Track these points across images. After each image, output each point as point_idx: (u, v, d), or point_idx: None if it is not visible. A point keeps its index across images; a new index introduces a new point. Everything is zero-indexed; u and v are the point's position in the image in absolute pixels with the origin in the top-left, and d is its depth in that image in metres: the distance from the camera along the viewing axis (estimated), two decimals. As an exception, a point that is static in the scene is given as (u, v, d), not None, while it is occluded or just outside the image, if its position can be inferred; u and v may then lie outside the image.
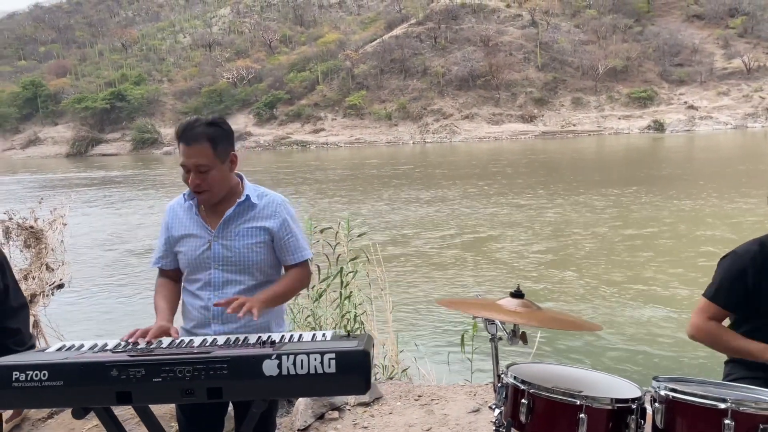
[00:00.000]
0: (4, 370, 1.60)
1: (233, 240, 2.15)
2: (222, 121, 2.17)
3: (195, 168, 2.05)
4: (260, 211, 2.19)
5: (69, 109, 76.25)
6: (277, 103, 71.60)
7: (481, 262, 11.53)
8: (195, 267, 2.17)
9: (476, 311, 1.85)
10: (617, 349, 6.87)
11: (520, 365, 1.91)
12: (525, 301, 1.84)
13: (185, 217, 2.21)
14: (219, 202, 2.18)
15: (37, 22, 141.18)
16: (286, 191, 25.22)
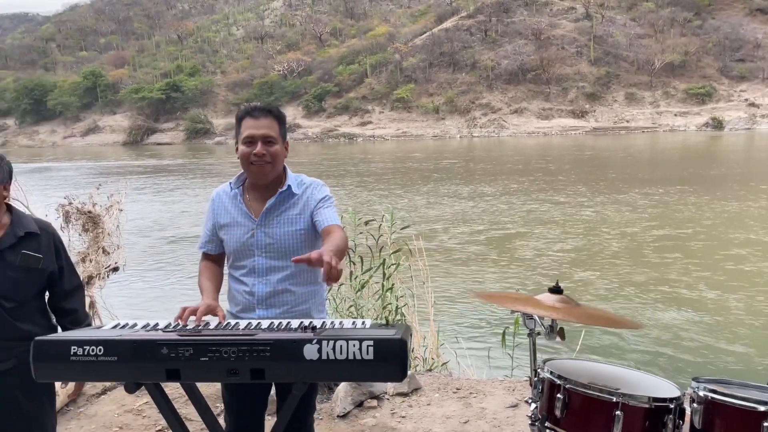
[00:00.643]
0: (63, 344, 1.71)
1: (275, 228, 2.21)
2: (283, 113, 2.31)
3: (263, 138, 2.15)
4: (299, 198, 2.26)
5: (127, 99, 78.82)
6: (326, 96, 72.21)
7: (502, 259, 11.42)
8: (239, 254, 2.25)
9: (514, 305, 1.86)
10: (638, 351, 6.69)
11: (557, 361, 1.91)
12: (563, 297, 1.85)
13: (230, 205, 2.28)
14: (263, 190, 2.26)
15: (98, 14, 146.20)
16: (328, 183, 25.42)
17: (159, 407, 1.87)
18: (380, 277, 5.37)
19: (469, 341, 7.06)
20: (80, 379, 1.83)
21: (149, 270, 11.33)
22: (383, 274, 5.38)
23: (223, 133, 69.77)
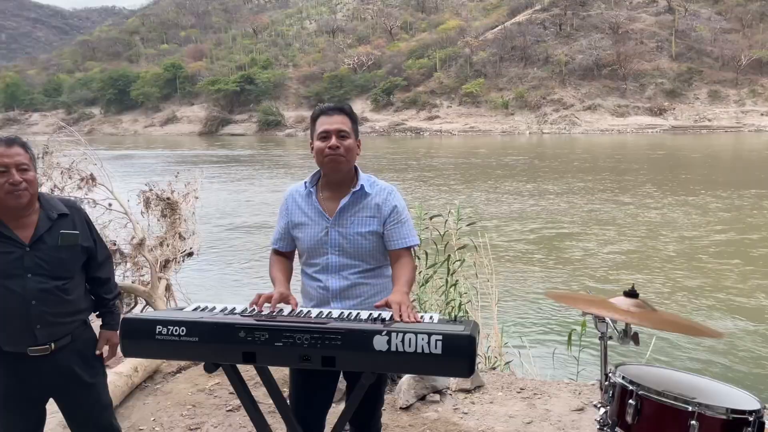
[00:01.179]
0: (149, 323, 1.82)
1: (348, 228, 2.26)
2: (355, 112, 2.38)
3: (337, 132, 2.20)
4: (372, 199, 2.29)
5: (203, 90, 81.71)
6: (394, 90, 72.39)
7: (548, 258, 11.13)
8: (313, 252, 2.30)
9: (587, 307, 1.83)
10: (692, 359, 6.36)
11: (629, 366, 1.87)
12: (639, 301, 1.80)
13: (304, 204, 2.34)
14: (337, 189, 2.31)
15: (179, 8, 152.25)
16: (387, 176, 25.57)
17: (234, 388, 1.96)
18: (444, 273, 5.37)
19: (533, 341, 6.96)
20: (163, 357, 1.96)
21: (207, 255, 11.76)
22: (447, 269, 5.37)
23: (294, 126, 71.20)
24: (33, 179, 2.13)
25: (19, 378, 2.15)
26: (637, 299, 1.80)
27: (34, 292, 2.11)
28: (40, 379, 2.18)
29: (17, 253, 2.10)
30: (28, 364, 2.15)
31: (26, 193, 2.09)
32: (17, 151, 2.09)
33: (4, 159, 2.06)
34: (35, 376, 2.16)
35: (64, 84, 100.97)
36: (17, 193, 2.07)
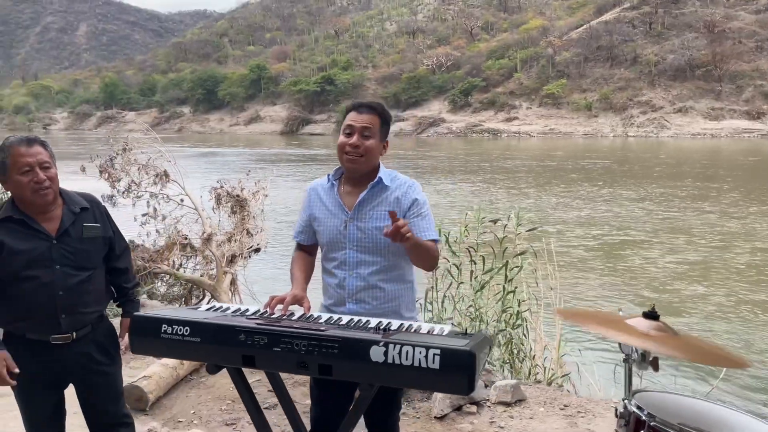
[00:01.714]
0: (155, 321, 1.85)
1: (366, 222, 2.23)
2: (388, 113, 2.34)
3: (361, 130, 2.19)
4: (392, 193, 2.26)
5: (286, 91, 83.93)
6: (473, 91, 71.54)
7: (605, 267, 10.56)
8: (331, 246, 2.28)
9: (599, 329, 1.68)
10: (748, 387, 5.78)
11: (651, 393, 1.71)
12: (660, 323, 1.64)
13: (326, 197, 2.32)
14: (357, 184, 2.28)
15: (265, 11, 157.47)
16: (457, 177, 25.24)
17: (238, 390, 1.96)
18: (502, 279, 5.22)
19: (596, 355, 6.65)
20: (168, 356, 1.97)
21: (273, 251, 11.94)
22: (505, 276, 5.21)
23: (371, 126, 71.72)
24: (55, 176, 2.21)
25: (41, 364, 2.23)
26: (658, 321, 1.65)
27: (61, 282, 2.19)
28: (61, 365, 2.26)
29: (45, 245, 2.19)
30: (50, 351, 2.23)
31: (50, 190, 2.19)
32: (38, 150, 2.17)
33: (28, 158, 2.14)
34: (57, 362, 2.25)
35: (157, 84, 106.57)
36: (42, 192, 2.16)
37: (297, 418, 2.10)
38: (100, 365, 2.33)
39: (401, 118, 72.51)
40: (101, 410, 2.38)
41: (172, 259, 7.48)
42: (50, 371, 2.25)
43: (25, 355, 2.21)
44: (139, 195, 7.64)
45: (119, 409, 2.44)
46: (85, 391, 2.34)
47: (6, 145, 2.16)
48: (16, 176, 2.14)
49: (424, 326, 1.96)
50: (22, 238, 2.17)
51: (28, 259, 2.15)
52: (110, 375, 2.38)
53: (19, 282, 2.16)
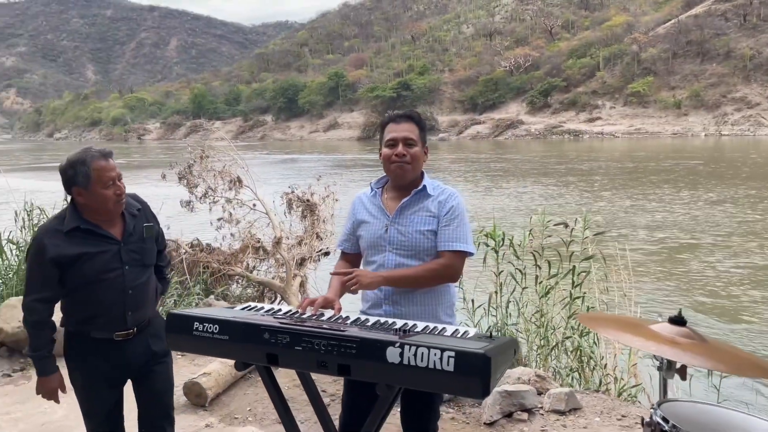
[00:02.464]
0: (188, 319, 1.93)
1: (407, 225, 2.26)
2: (423, 119, 2.42)
3: (404, 140, 2.26)
4: (433, 200, 2.29)
5: (363, 97, 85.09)
6: (552, 91, 69.77)
7: (660, 270, 9.93)
8: (372, 249, 2.32)
9: (618, 335, 1.60)
10: None
11: (679, 403, 1.61)
12: (686, 329, 1.55)
13: (369, 203, 2.39)
14: (401, 191, 2.31)
15: (344, 19, 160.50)
16: (530, 180, 24.61)
17: (266, 388, 2.02)
18: (570, 284, 5.08)
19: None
20: (199, 353, 2.03)
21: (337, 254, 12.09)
22: (572, 281, 5.07)
23: (447, 130, 71.50)
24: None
25: (106, 362, 2.36)
26: (685, 327, 1.55)
27: (129, 282, 2.34)
28: (124, 360, 2.39)
29: (114, 249, 2.33)
30: (114, 347, 2.36)
31: (123, 199, 2.36)
32: (113, 164, 2.32)
33: (110, 173, 2.28)
34: (120, 358, 2.38)
35: (242, 94, 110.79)
36: (121, 202, 2.34)
37: (327, 419, 2.13)
38: (157, 356, 2.46)
39: (478, 121, 71.73)
40: (158, 400, 2.50)
41: (246, 262, 7.77)
42: (114, 367, 2.38)
43: (91, 354, 2.34)
44: (216, 200, 8.00)
45: (171, 400, 2.57)
46: (145, 382, 2.46)
47: (87, 159, 2.27)
48: (101, 190, 2.26)
49: (449, 328, 1.94)
50: (94, 245, 2.29)
51: (101, 265, 2.29)
52: (167, 364, 2.52)
53: (92, 285, 2.29)
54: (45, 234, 2.28)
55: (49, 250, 2.23)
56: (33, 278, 2.29)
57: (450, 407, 3.68)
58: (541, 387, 3.74)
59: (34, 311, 2.27)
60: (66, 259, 2.24)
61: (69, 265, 2.24)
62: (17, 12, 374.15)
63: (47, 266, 2.23)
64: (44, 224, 2.39)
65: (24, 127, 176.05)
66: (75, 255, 2.24)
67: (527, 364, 4.72)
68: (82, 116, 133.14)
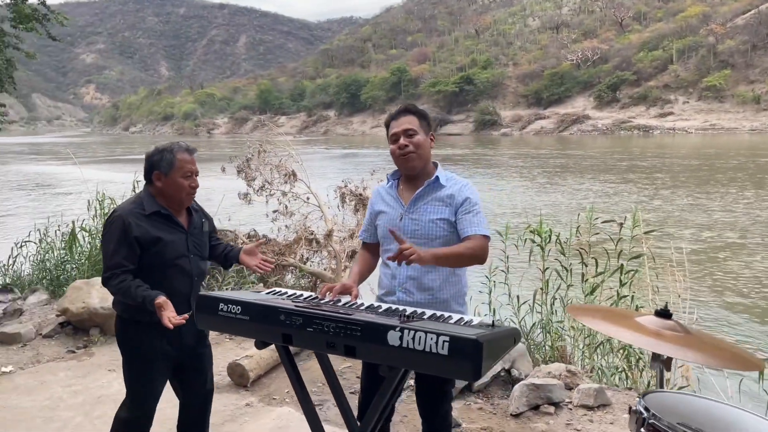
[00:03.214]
0: (214, 300, 2.10)
1: (421, 215, 2.35)
2: (423, 110, 2.48)
3: (404, 132, 2.34)
4: (446, 191, 2.37)
5: (425, 92, 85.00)
6: (621, 85, 67.58)
7: (696, 269, 9.46)
8: (388, 237, 2.40)
9: (605, 326, 1.65)
10: None
11: (665, 394, 1.65)
12: (672, 322, 1.59)
13: (386, 194, 2.49)
14: (415, 181, 2.41)
15: (408, 14, 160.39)
16: (586, 176, 23.94)
17: (284, 366, 2.18)
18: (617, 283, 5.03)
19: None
20: (224, 331, 2.19)
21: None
22: (620, 280, 5.02)
23: (510, 125, 70.49)
24: None
25: (169, 345, 2.48)
26: (670, 319, 1.59)
27: (196, 269, 2.53)
28: (183, 343, 2.52)
29: (183, 237, 2.49)
30: (176, 331, 2.43)
31: (194, 195, 2.54)
32: (195, 160, 2.49)
33: (191, 166, 2.46)
34: (179, 340, 2.51)
35: (306, 89, 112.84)
36: (192, 196, 2.51)
37: (344, 402, 2.26)
38: (203, 338, 2.65)
39: (542, 116, 70.35)
40: (205, 377, 2.67)
41: (300, 253, 8.04)
42: (175, 347, 2.50)
43: (156, 338, 2.44)
44: (272, 193, 8.32)
45: (213, 380, 2.74)
46: (195, 361, 2.61)
47: (174, 148, 2.44)
48: (179, 178, 2.42)
49: (455, 316, 2.05)
50: (169, 231, 2.44)
51: (175, 250, 2.44)
52: (209, 346, 2.69)
53: (167, 269, 2.42)
54: (128, 214, 2.38)
55: (134, 228, 2.35)
56: (118, 252, 2.35)
57: (479, 398, 3.76)
58: (571, 382, 3.76)
59: (122, 282, 2.33)
60: (147, 240, 2.37)
61: (149, 246, 2.37)
62: (96, 11, 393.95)
63: (132, 243, 2.34)
64: (123, 206, 2.45)
65: (102, 121, 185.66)
66: (155, 237, 2.38)
67: (571, 362, 4.72)
68: (156, 111, 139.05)
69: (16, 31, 8.40)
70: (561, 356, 4.86)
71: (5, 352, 4.66)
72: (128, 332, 2.48)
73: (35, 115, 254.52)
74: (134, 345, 2.47)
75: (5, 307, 5.48)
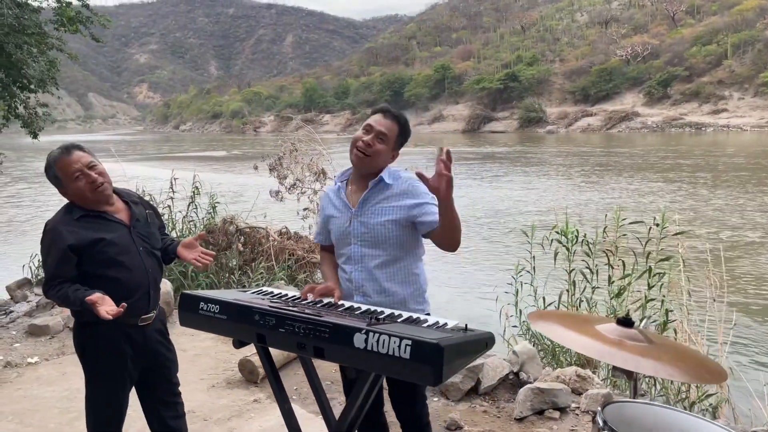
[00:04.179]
0: (195, 299, 2.14)
1: (369, 217, 2.32)
2: (409, 127, 2.43)
3: (378, 133, 2.30)
4: (394, 189, 2.33)
5: (469, 89, 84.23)
6: (673, 81, 65.42)
7: (732, 269, 9.07)
8: (340, 242, 2.42)
9: (560, 334, 1.59)
10: None
11: (628, 404, 1.59)
12: (634, 331, 1.53)
13: (335, 198, 2.47)
14: (361, 182, 2.38)
15: (453, 11, 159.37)
16: (623, 175, 23.24)
17: (262, 364, 2.21)
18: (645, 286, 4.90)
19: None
20: (204, 330, 2.21)
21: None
22: (648, 283, 4.89)
23: (555, 122, 69.23)
24: (104, 171, 2.39)
25: (134, 349, 2.41)
26: (632, 328, 1.53)
27: (147, 261, 2.46)
28: (149, 345, 2.46)
29: (125, 231, 2.42)
30: (140, 333, 2.42)
31: (106, 184, 2.37)
32: (79, 155, 2.34)
33: (75, 165, 2.31)
34: (146, 343, 2.45)
35: (350, 88, 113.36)
36: (100, 188, 2.35)
37: (325, 403, 2.28)
38: (166, 341, 2.60)
39: (589, 113, 68.82)
40: (172, 382, 2.62)
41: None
42: (137, 353, 2.43)
43: (119, 343, 2.37)
44: (303, 191, 8.41)
45: (178, 382, 2.68)
46: (159, 366, 2.55)
47: (50, 161, 2.32)
48: (72, 184, 2.31)
49: (431, 319, 2.03)
50: (108, 229, 2.36)
51: (118, 246, 2.36)
52: (172, 349, 2.64)
53: (116, 267, 2.34)
54: (58, 223, 2.31)
55: (66, 236, 2.27)
56: (53, 263, 2.29)
57: (485, 400, 3.72)
58: (580, 387, 3.68)
59: (60, 290, 2.27)
60: (86, 243, 2.28)
61: (88, 249, 2.29)
62: (149, 12, 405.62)
63: (66, 252, 2.26)
64: (53, 217, 2.37)
65: (154, 120, 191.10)
66: (95, 239, 2.30)
67: (596, 367, 4.62)
68: (205, 109, 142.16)
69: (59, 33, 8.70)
70: (587, 360, 4.76)
71: (33, 343, 4.86)
72: (95, 338, 2.37)
73: (91, 113, 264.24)
74: (103, 351, 2.37)
75: (38, 300, 5.72)
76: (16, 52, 6.48)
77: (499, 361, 3.91)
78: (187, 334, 4.88)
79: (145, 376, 2.51)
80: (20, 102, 8.27)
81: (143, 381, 2.52)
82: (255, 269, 6.97)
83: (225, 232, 7.41)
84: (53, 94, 8.85)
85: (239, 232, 7.52)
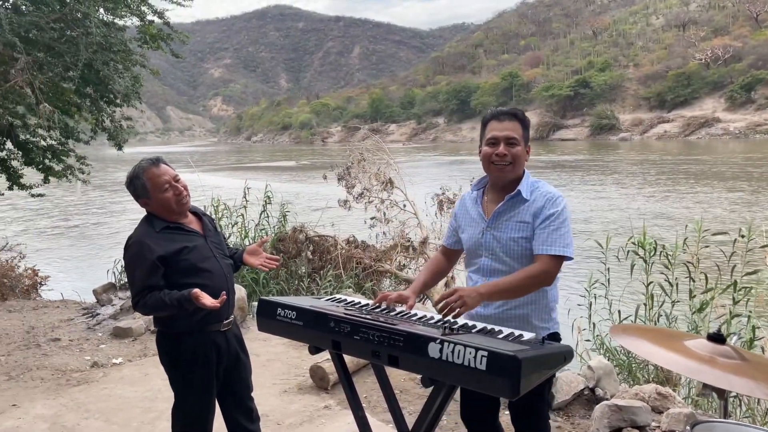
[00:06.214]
0: (273, 305, 2.19)
1: (502, 232, 2.27)
2: (527, 117, 2.37)
3: (506, 139, 2.24)
4: (529, 206, 2.26)
5: (537, 96, 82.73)
6: (757, 85, 61.97)
7: None
8: (471, 252, 2.39)
9: (647, 350, 1.51)
10: None
11: (717, 425, 1.50)
12: (726, 347, 1.44)
13: (471, 206, 2.43)
14: (499, 193, 2.33)
15: (521, 18, 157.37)
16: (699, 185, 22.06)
17: (336, 370, 2.23)
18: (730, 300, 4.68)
19: None
20: (282, 335, 2.25)
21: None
22: (733, 298, 4.66)
23: (629, 129, 66.94)
24: (186, 184, 2.50)
25: (217, 354, 2.49)
26: (724, 344, 1.44)
27: (225, 267, 2.56)
28: (229, 351, 2.54)
29: (202, 240, 2.52)
30: (221, 339, 2.50)
31: (188, 197, 2.51)
32: (166, 168, 2.46)
33: (164, 177, 2.42)
34: (227, 348, 2.53)
35: (416, 97, 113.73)
36: (184, 200, 2.48)
37: (398, 412, 2.28)
38: (243, 346, 2.68)
39: (665, 120, 66.16)
40: (248, 386, 2.69)
41: (398, 260, 8.13)
42: (224, 359, 2.52)
43: (208, 350, 2.46)
44: (370, 200, 8.49)
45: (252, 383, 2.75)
46: (236, 370, 2.59)
47: (139, 171, 2.42)
48: (160, 194, 2.41)
49: (506, 331, 1.99)
50: (188, 239, 2.47)
51: (200, 253, 2.46)
52: (248, 354, 2.71)
53: (201, 272, 2.43)
54: (143, 236, 2.40)
55: (154, 248, 2.36)
56: (142, 275, 2.35)
57: (558, 416, 3.61)
58: (661, 405, 3.52)
59: (152, 297, 2.33)
60: (172, 253, 2.37)
61: (175, 257, 2.38)
62: (224, 28, 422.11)
63: (154, 263, 2.34)
64: (135, 232, 2.46)
65: (227, 132, 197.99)
66: (179, 248, 2.40)
67: (677, 384, 4.42)
68: (275, 121, 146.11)
69: (142, 50, 9.13)
70: (666, 377, 4.56)
71: (118, 345, 5.11)
72: (186, 348, 2.45)
73: (169, 126, 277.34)
74: (193, 361, 2.45)
75: (122, 303, 6.01)
76: (103, 68, 6.85)
77: (573, 376, 3.80)
78: (260, 339, 5.00)
79: (225, 380, 2.58)
80: (107, 116, 8.76)
81: (223, 384, 2.59)
82: (323, 277, 7.06)
83: (295, 241, 7.57)
84: (137, 108, 9.32)
85: (308, 241, 7.65)
